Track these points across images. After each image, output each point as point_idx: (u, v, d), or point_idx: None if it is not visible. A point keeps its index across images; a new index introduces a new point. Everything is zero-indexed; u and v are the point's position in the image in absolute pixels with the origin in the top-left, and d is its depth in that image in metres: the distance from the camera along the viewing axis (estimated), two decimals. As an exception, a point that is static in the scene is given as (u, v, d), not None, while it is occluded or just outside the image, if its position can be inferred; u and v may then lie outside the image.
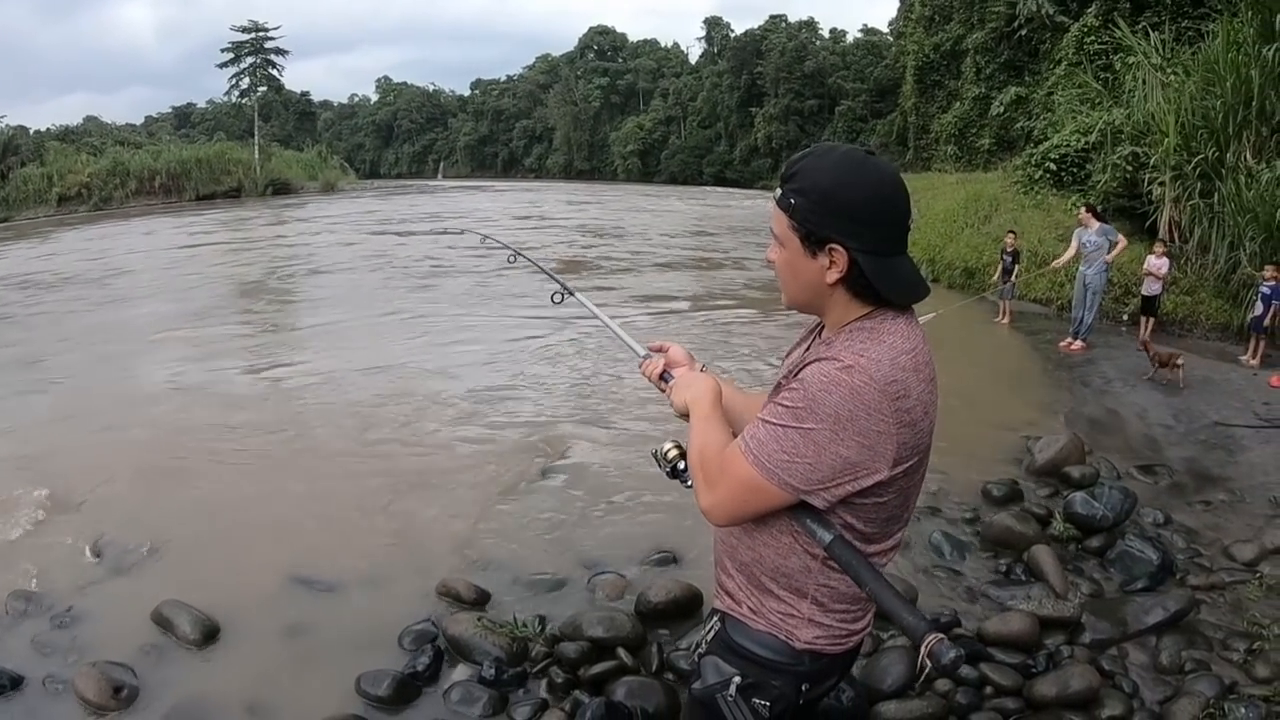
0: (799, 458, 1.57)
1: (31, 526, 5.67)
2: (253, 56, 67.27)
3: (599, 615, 4.24)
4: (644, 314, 13.64)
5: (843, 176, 1.60)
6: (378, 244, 24.56)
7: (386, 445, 7.28)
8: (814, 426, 1.55)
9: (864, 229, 1.60)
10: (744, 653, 1.80)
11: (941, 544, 5.28)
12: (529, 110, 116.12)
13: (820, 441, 1.55)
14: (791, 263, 1.69)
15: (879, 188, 1.61)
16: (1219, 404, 8.39)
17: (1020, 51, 32.17)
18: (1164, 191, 13.64)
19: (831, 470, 1.57)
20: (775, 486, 1.61)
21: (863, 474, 1.57)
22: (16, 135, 48.21)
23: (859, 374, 1.54)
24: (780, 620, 1.77)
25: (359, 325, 12.70)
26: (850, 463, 1.56)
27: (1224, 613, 4.56)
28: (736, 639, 1.82)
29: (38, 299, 15.54)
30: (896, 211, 1.64)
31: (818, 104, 75.74)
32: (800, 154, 1.68)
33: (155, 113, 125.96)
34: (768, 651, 1.78)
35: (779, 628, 1.77)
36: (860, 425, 1.53)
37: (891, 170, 1.65)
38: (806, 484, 1.59)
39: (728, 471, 1.67)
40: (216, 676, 4.05)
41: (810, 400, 1.56)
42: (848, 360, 1.56)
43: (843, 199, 1.60)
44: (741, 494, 1.66)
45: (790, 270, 1.70)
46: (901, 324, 1.65)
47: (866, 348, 1.58)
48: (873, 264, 1.61)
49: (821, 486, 1.59)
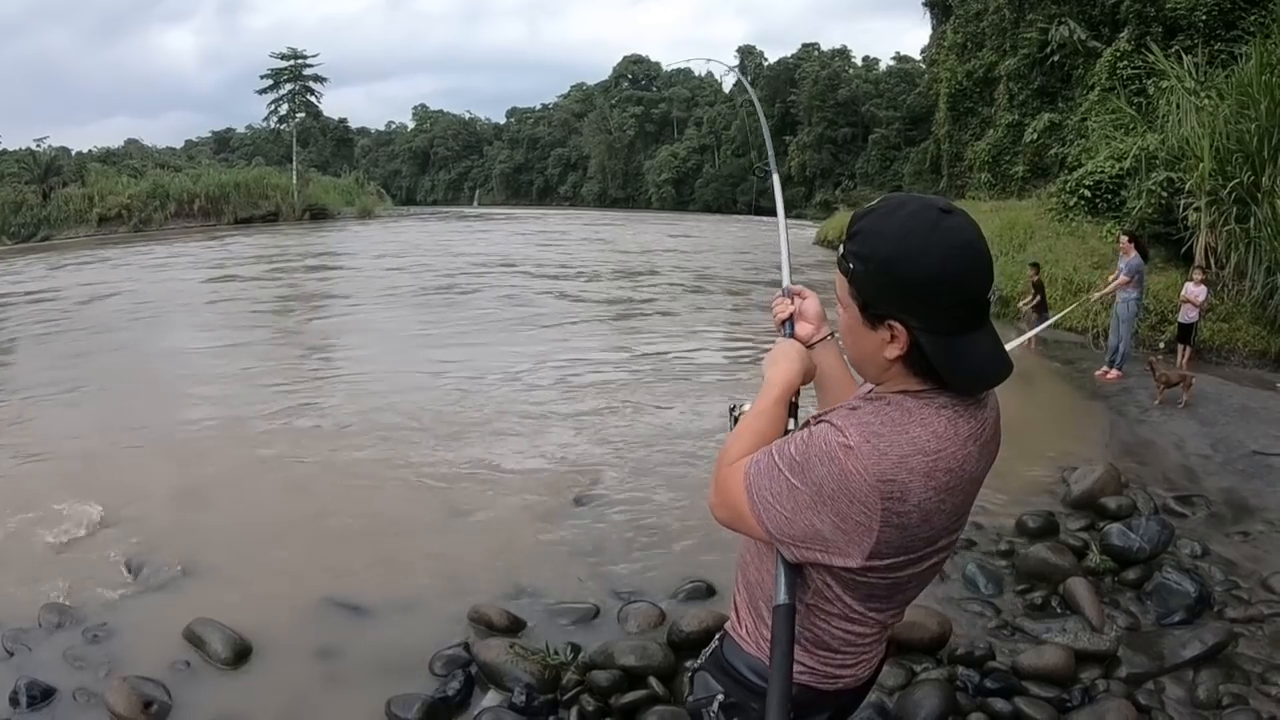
0: (779, 506, 1.51)
1: (66, 541, 5.76)
2: (292, 83, 68.18)
3: (631, 644, 4.23)
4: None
5: (908, 245, 1.41)
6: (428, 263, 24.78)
7: (420, 469, 7.32)
8: (799, 486, 1.47)
9: (929, 307, 1.43)
10: (732, 673, 1.80)
11: (976, 576, 5.22)
12: (564, 139, 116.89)
13: (800, 503, 1.48)
14: (852, 329, 1.55)
15: (948, 261, 1.41)
16: (1257, 433, 8.26)
17: (1053, 78, 31.97)
18: (1199, 217, 13.48)
19: (803, 534, 1.50)
20: (754, 521, 1.56)
21: (834, 552, 1.49)
22: (59, 156, 49.28)
23: (856, 459, 1.42)
24: (768, 647, 1.68)
25: (396, 348, 12.82)
26: (822, 536, 1.48)
27: (1263, 646, 4.48)
28: (729, 658, 1.82)
29: (82, 314, 15.81)
30: (969, 288, 1.44)
31: (851, 132, 75.75)
32: (868, 208, 1.52)
33: (195, 137, 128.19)
34: (754, 675, 1.76)
35: (767, 654, 1.66)
36: (840, 507, 1.44)
37: (968, 235, 1.43)
38: (779, 533, 1.53)
39: (729, 480, 1.62)
40: (247, 695, 4.08)
41: (805, 459, 1.47)
42: (853, 440, 1.44)
43: (905, 273, 1.42)
44: (731, 508, 1.61)
45: (851, 337, 1.57)
46: (946, 416, 1.50)
47: (884, 433, 1.45)
48: (936, 344, 1.45)
49: (792, 543, 1.53)
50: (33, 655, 4.36)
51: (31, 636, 4.52)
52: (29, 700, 3.89)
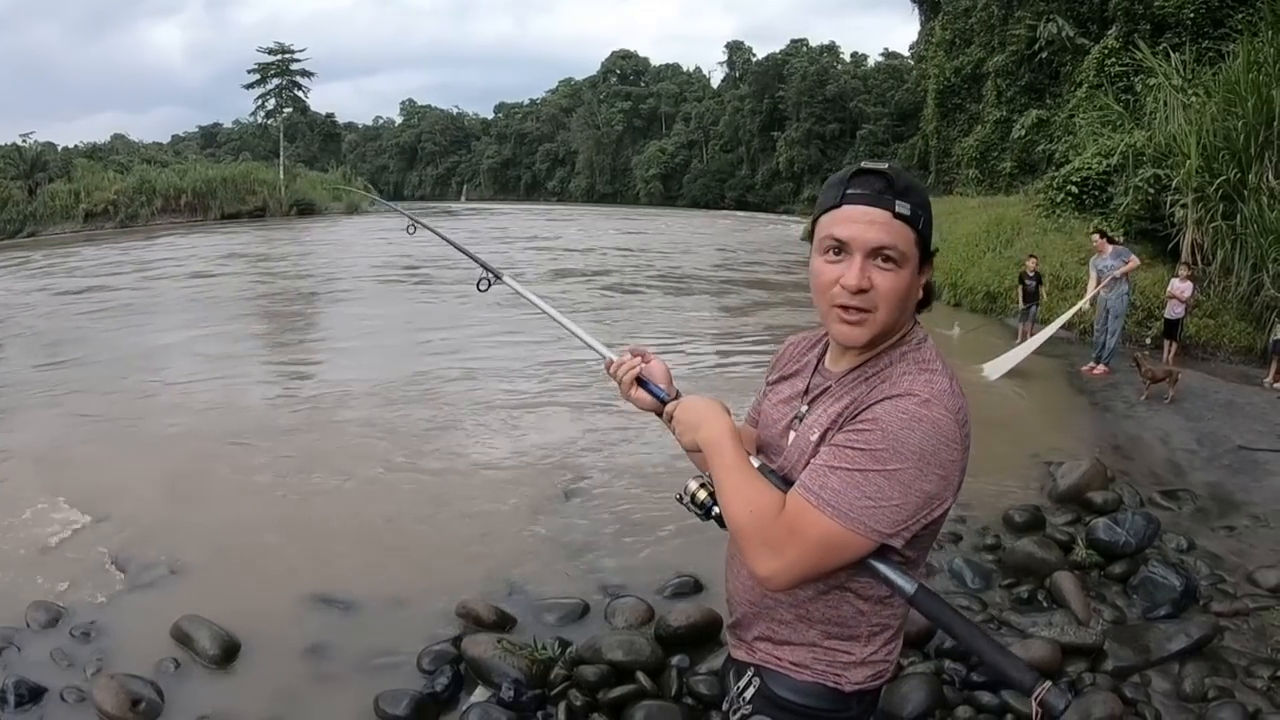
0: (885, 501, 1.48)
1: (53, 539, 5.73)
2: (279, 78, 68.14)
3: (619, 639, 4.24)
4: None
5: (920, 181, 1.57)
6: (404, 258, 24.73)
7: (407, 466, 7.31)
8: (899, 466, 1.48)
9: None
10: (791, 706, 1.70)
11: (962, 570, 5.25)
12: (552, 134, 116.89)
13: (906, 481, 1.48)
14: (909, 284, 1.58)
15: None
16: (1242, 428, 8.32)
17: (1041, 74, 32.10)
18: (1186, 214, 13.57)
19: (915, 508, 1.50)
20: (861, 536, 1.49)
21: (937, 506, 1.53)
22: (45, 152, 48.81)
23: (937, 407, 1.50)
24: (827, 668, 1.67)
25: (383, 344, 12.80)
26: (930, 496, 1.50)
27: (1248, 639, 4.52)
28: (780, 692, 1.71)
29: (66, 311, 15.72)
30: None
31: (839, 128, 75.95)
32: (895, 167, 1.57)
33: (182, 132, 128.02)
34: (816, 701, 1.68)
35: (826, 675, 1.67)
36: (941, 458, 1.49)
37: None
38: (892, 527, 1.49)
39: (799, 531, 1.52)
40: (235, 692, 4.08)
41: (893, 440, 1.48)
42: (924, 394, 1.51)
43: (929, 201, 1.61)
44: (818, 553, 1.52)
45: (904, 294, 1.57)
46: (931, 340, 1.64)
47: (932, 378, 1.54)
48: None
49: (904, 526, 1.51)
50: (21, 654, 4.33)
51: (19, 635, 4.49)
52: (17, 699, 3.87)
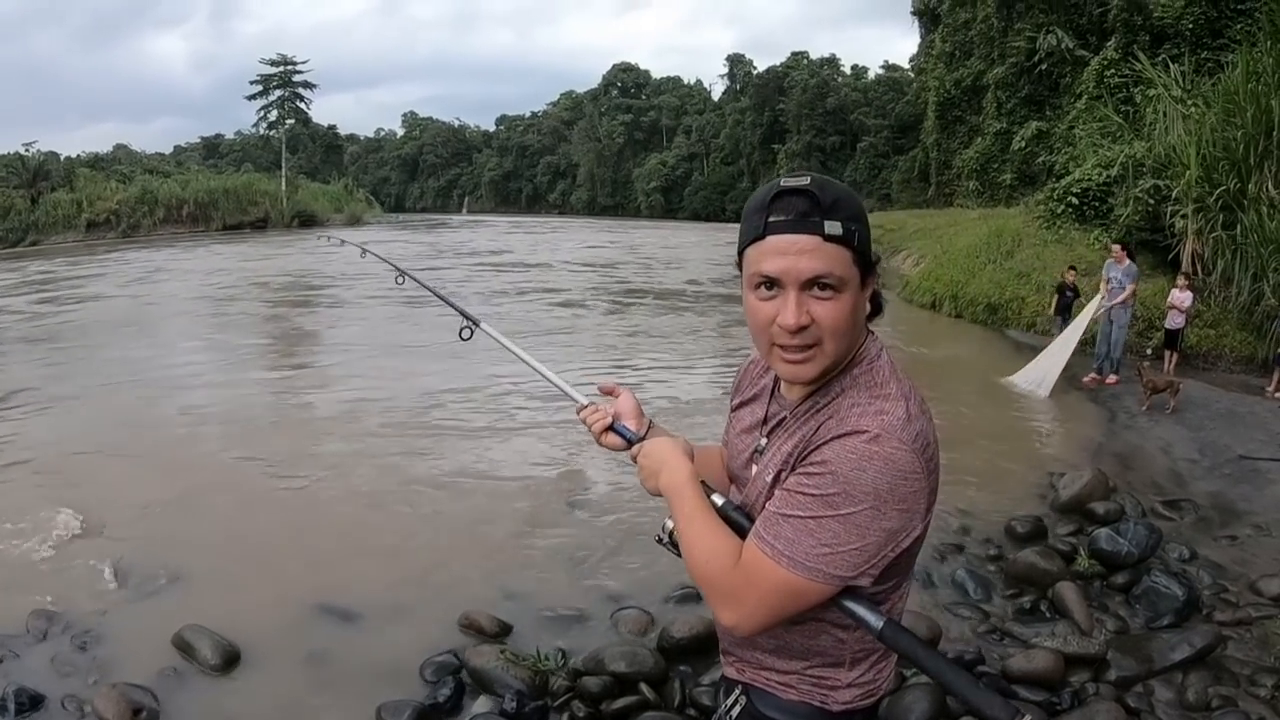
0: (842, 546, 1.41)
1: (54, 548, 5.72)
2: (281, 89, 68.26)
3: (622, 650, 4.23)
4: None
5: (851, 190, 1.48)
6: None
7: (410, 476, 7.30)
8: (852, 510, 1.40)
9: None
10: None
11: (965, 581, 5.24)
12: (553, 146, 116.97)
13: (862, 523, 1.40)
14: (854, 304, 1.46)
15: None
16: (1244, 437, 8.32)
17: (1041, 86, 32.19)
18: (1186, 224, 13.55)
19: (877, 547, 1.42)
20: (819, 584, 1.43)
21: (905, 538, 1.44)
22: (47, 161, 48.89)
23: (888, 442, 1.40)
24: (813, 688, 1.61)
25: (382, 356, 12.77)
26: (893, 532, 1.42)
27: (1251, 648, 4.51)
28: (766, 711, 1.66)
29: (68, 320, 15.73)
30: None
31: (840, 140, 75.94)
32: (818, 180, 1.44)
33: (184, 142, 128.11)
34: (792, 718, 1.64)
35: (813, 695, 1.61)
36: (900, 492, 1.40)
37: None
38: (853, 570, 1.43)
39: (755, 583, 1.47)
40: (236, 702, 4.07)
41: (844, 483, 1.40)
42: (873, 429, 1.41)
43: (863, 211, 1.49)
44: (777, 601, 1.46)
45: (848, 320, 1.46)
46: (886, 354, 1.53)
47: (882, 406, 1.44)
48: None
49: (869, 566, 1.43)
50: (21, 662, 4.33)
51: (19, 644, 4.49)
52: (17, 708, 3.86)
